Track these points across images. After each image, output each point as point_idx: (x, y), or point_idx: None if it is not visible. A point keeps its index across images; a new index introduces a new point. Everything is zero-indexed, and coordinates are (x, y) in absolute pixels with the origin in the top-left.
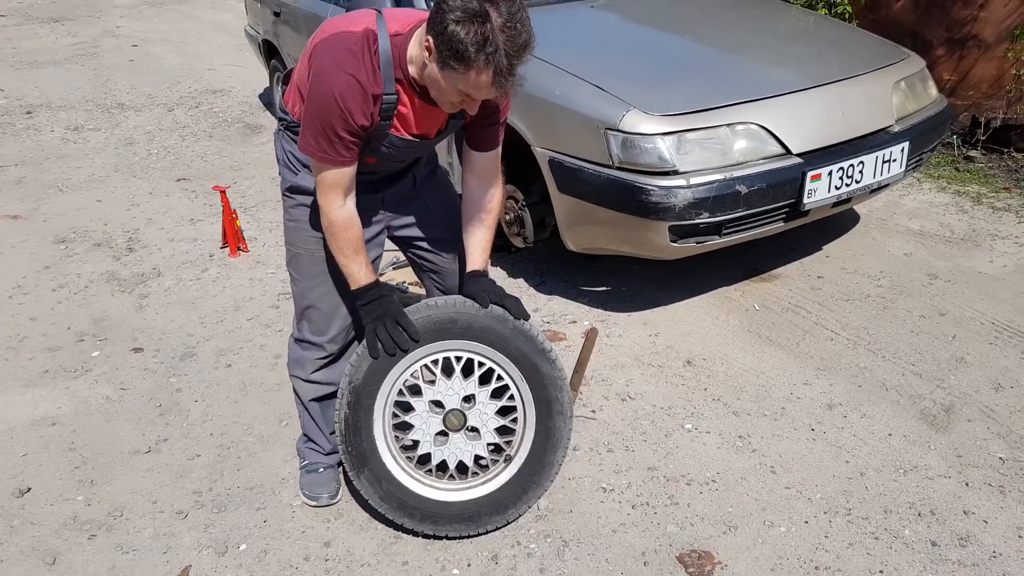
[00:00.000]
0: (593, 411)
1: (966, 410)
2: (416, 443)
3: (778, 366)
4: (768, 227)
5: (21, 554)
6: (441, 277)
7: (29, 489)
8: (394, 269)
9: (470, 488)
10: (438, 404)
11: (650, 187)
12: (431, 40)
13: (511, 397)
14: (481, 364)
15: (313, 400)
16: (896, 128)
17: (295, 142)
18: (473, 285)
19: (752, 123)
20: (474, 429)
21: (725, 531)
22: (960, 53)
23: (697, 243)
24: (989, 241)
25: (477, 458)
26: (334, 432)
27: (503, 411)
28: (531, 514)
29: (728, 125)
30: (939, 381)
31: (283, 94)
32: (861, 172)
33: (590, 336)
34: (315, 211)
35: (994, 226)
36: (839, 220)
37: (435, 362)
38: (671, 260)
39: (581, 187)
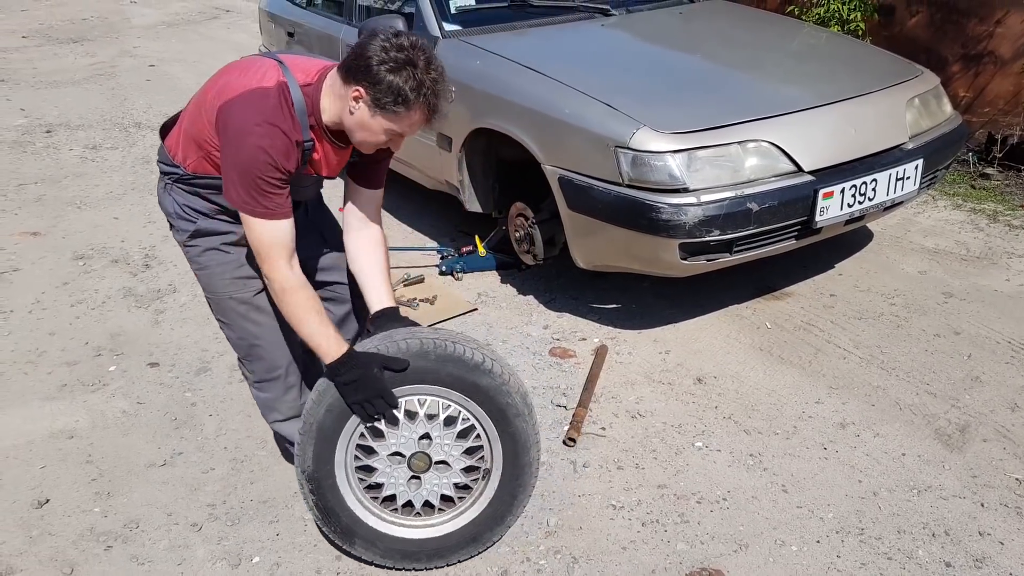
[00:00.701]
0: (603, 428)
1: (981, 430)
2: (394, 496)
3: (790, 384)
4: (780, 245)
5: (40, 564)
6: (336, 304)
7: (48, 500)
8: (405, 285)
9: (462, 514)
10: (398, 454)
11: (660, 205)
12: (362, 90)
13: (465, 419)
14: (423, 402)
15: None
16: (910, 145)
17: (189, 193)
18: (387, 324)
19: (763, 141)
20: (442, 462)
21: (736, 549)
22: (976, 69)
23: (708, 261)
24: (1006, 259)
25: (457, 485)
26: None
27: (464, 433)
28: (541, 530)
29: (739, 143)
30: (954, 400)
31: (162, 146)
32: (874, 190)
33: (600, 353)
34: (224, 251)
35: (1011, 244)
36: (852, 238)
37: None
38: (681, 278)
39: (591, 204)
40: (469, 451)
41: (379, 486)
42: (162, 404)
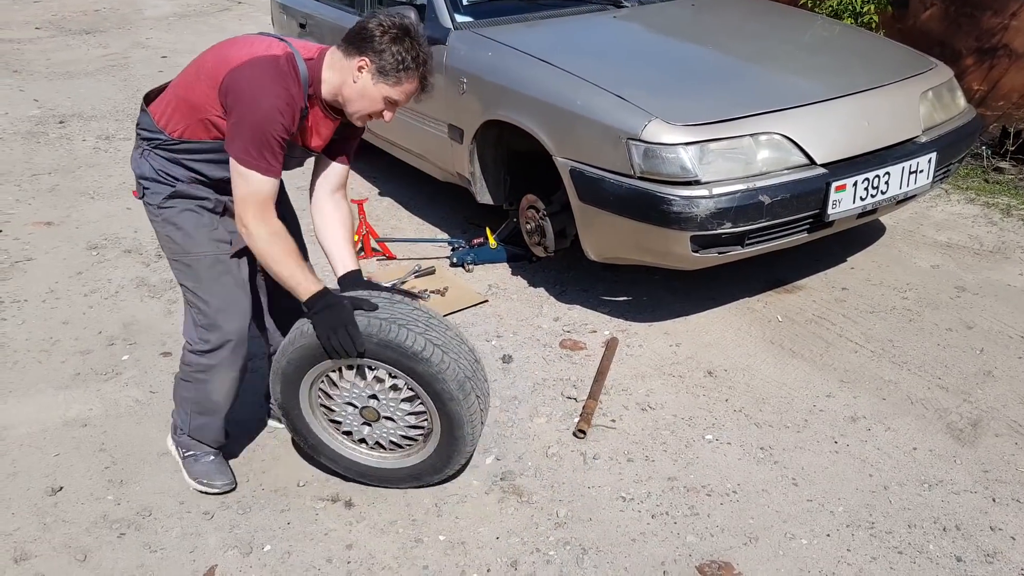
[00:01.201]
0: (613, 420)
1: (993, 425)
2: (350, 431)
3: (801, 378)
4: (791, 238)
5: (54, 551)
6: (279, 292)
7: (61, 488)
8: (416, 277)
9: (409, 456)
10: (351, 404)
11: (672, 197)
12: (367, 60)
13: (410, 390)
14: (373, 367)
15: (225, 411)
16: (923, 139)
17: (167, 160)
18: (351, 286)
19: (776, 133)
20: (389, 417)
21: (745, 542)
22: (990, 63)
23: (719, 253)
24: (1019, 253)
25: (403, 436)
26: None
27: (410, 399)
28: (550, 521)
29: (751, 135)
30: (966, 395)
31: (145, 114)
32: (887, 183)
33: (610, 346)
34: (199, 212)
35: None
36: (864, 231)
37: (335, 372)
38: (693, 270)
39: (602, 197)
40: (415, 412)
41: (339, 422)
42: None
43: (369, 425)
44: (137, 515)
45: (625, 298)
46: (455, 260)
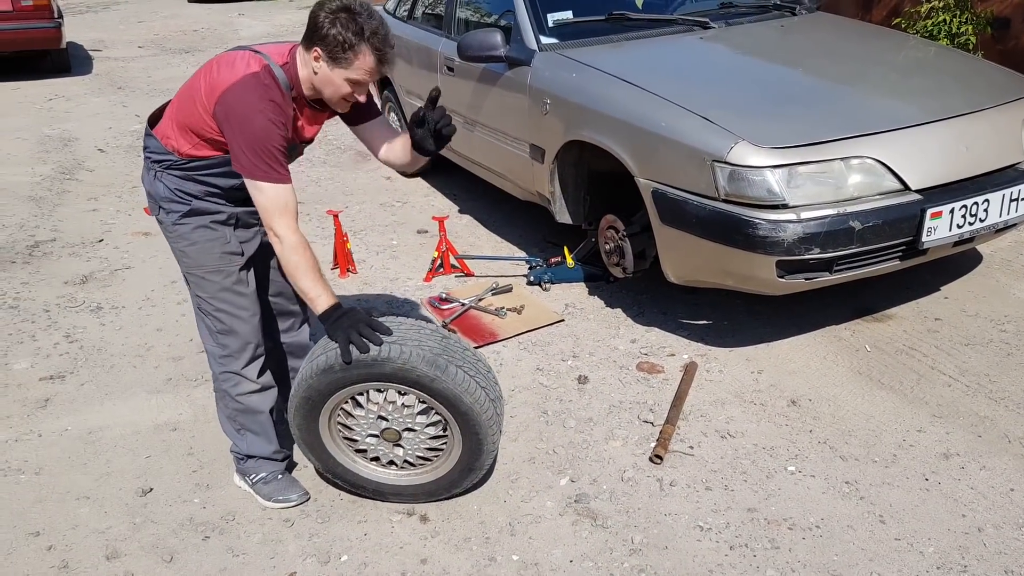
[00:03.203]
0: (691, 447)
1: None
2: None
3: (890, 411)
4: (883, 265)
5: (143, 550)
6: (286, 299)
7: (151, 489)
8: (493, 294)
9: (439, 467)
10: (374, 435)
11: (758, 220)
12: (318, 49)
13: (401, 393)
14: (360, 394)
15: (267, 409)
16: None
17: (182, 178)
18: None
19: (868, 157)
20: (409, 429)
21: None
22: None
23: (806, 279)
24: None
25: (432, 448)
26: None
27: (412, 403)
28: (625, 547)
29: (842, 159)
30: None
31: (152, 138)
32: (986, 210)
33: (689, 370)
34: (213, 228)
35: None
36: (959, 259)
37: (344, 409)
38: (777, 296)
39: (685, 219)
40: (423, 411)
41: (378, 458)
42: None
43: (400, 446)
44: (222, 519)
45: (705, 322)
46: (532, 278)
